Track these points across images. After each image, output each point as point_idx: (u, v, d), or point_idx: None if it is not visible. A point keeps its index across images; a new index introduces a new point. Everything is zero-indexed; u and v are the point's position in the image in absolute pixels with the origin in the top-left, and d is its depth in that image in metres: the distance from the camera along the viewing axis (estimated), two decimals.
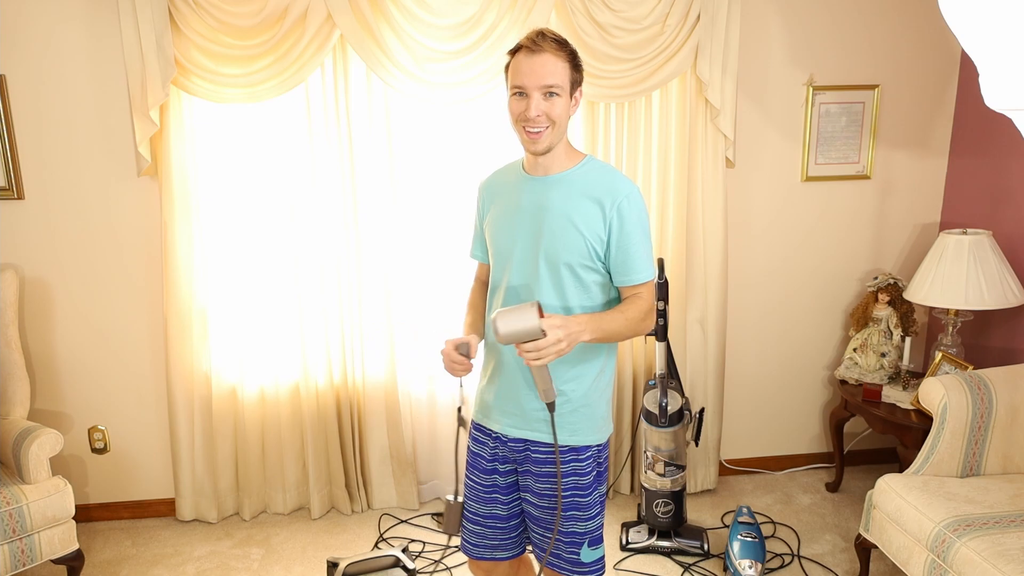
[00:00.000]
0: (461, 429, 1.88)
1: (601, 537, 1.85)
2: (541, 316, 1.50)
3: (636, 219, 1.68)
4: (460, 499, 1.90)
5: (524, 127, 1.65)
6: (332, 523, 3.14)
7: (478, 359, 1.90)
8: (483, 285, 2.00)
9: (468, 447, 1.92)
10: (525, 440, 1.79)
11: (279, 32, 2.69)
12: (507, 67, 1.69)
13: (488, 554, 1.91)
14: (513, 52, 1.67)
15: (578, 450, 1.78)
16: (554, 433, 1.67)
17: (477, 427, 1.90)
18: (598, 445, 1.82)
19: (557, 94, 1.63)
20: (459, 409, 1.85)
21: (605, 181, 1.69)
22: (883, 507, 2.43)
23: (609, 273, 1.72)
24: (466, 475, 1.92)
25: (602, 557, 1.86)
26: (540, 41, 1.62)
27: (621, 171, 1.74)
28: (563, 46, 1.65)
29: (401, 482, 3.20)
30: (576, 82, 1.69)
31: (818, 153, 3.23)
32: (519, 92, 1.64)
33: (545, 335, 1.49)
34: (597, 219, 1.67)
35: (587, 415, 1.78)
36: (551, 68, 1.61)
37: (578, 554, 1.81)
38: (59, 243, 2.94)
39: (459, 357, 1.72)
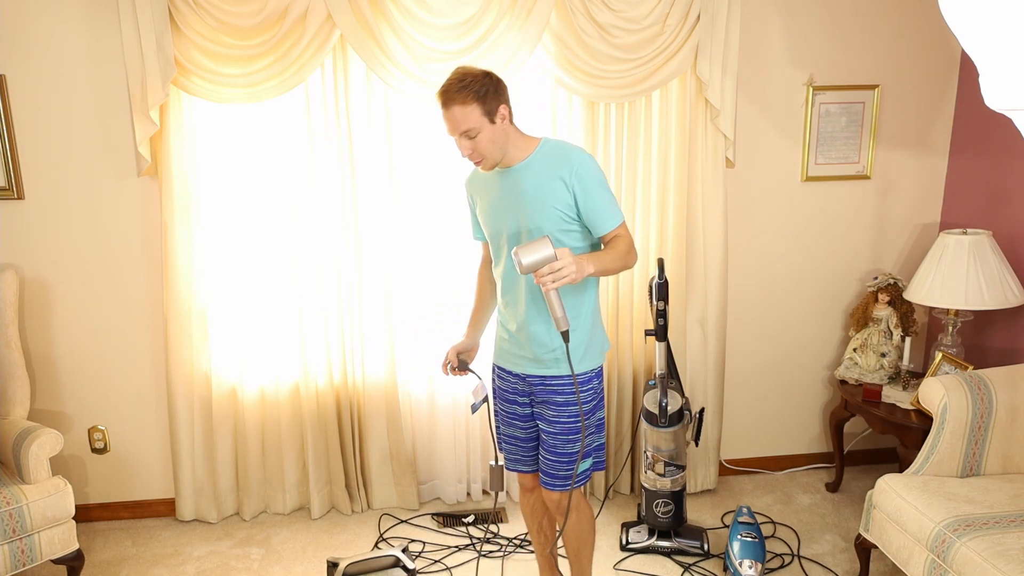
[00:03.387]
0: (484, 405, 2.29)
1: (590, 453, 2.19)
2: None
3: (593, 179, 1.98)
4: (501, 463, 2.30)
5: (468, 159, 1.99)
6: (332, 523, 3.14)
7: (489, 335, 2.35)
8: (488, 263, 2.34)
9: (493, 380, 2.31)
10: (542, 376, 2.12)
11: (279, 32, 2.69)
12: None
13: (513, 466, 2.31)
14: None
15: (582, 378, 2.12)
16: (569, 361, 1.96)
17: (499, 368, 2.25)
18: (599, 367, 2.18)
19: (473, 135, 1.93)
20: (479, 385, 2.28)
21: (560, 158, 2.00)
22: (883, 507, 2.43)
23: (586, 228, 2.04)
24: (495, 401, 2.32)
25: (589, 468, 2.19)
26: (444, 98, 1.90)
27: (580, 148, 2.05)
28: (465, 89, 1.89)
29: (401, 482, 3.20)
30: (491, 111, 1.93)
31: (818, 153, 3.23)
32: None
33: (558, 259, 1.81)
34: (563, 191, 1.98)
35: (589, 345, 2.12)
36: (460, 117, 1.90)
37: (572, 469, 2.14)
38: (59, 243, 2.94)
39: (455, 363, 2.28)
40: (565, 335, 1.91)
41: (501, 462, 2.31)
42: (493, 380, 2.31)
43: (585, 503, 2.29)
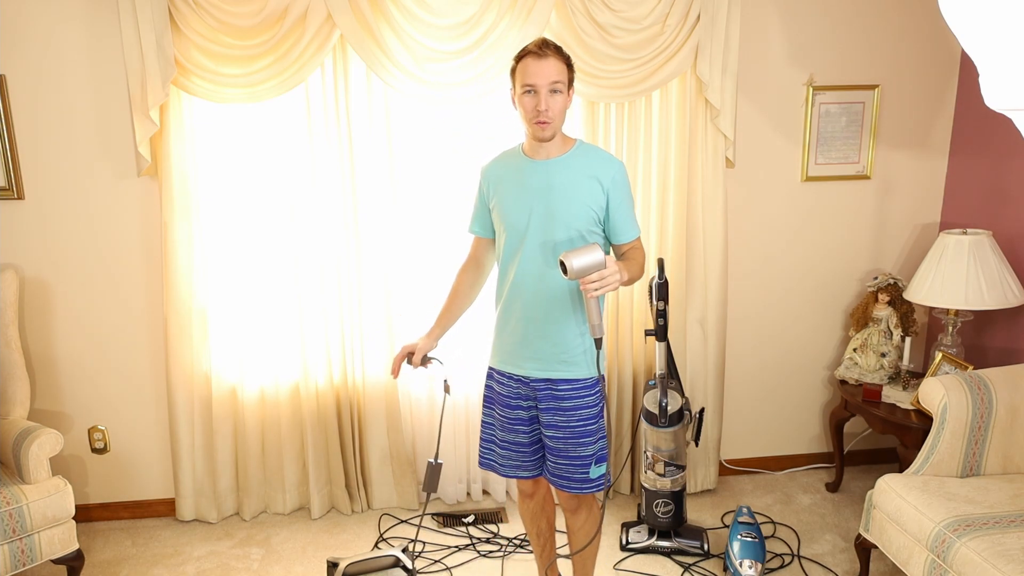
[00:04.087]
0: (447, 396, 2.21)
1: (604, 456, 2.19)
2: None
3: (625, 188, 2.08)
4: (440, 462, 2.24)
5: (535, 119, 1.98)
6: (332, 523, 3.14)
7: (489, 322, 2.31)
8: (475, 263, 2.30)
9: (490, 387, 2.25)
10: (547, 380, 2.12)
11: (279, 32, 2.69)
12: (513, 71, 2.02)
13: (513, 473, 2.27)
14: (519, 58, 2.00)
15: (588, 383, 2.13)
16: (598, 366, 2.03)
17: (499, 372, 2.21)
18: (602, 375, 2.16)
19: (560, 90, 1.97)
20: (445, 380, 2.27)
21: (599, 162, 2.06)
22: (883, 507, 2.43)
23: (606, 235, 2.09)
24: (487, 410, 2.27)
25: (605, 473, 2.20)
26: (544, 48, 1.97)
27: (612, 154, 2.15)
28: (561, 51, 2.00)
29: (401, 482, 3.20)
30: (571, 81, 2.03)
31: (818, 153, 3.23)
32: (530, 90, 1.97)
33: (606, 267, 1.83)
34: (598, 193, 2.03)
35: (593, 353, 2.15)
36: (556, 68, 1.96)
37: (587, 473, 2.16)
38: (59, 243, 2.94)
39: (418, 362, 2.22)
40: (598, 342, 1.97)
41: (440, 460, 2.28)
42: (490, 386, 2.26)
43: (596, 504, 2.31)
